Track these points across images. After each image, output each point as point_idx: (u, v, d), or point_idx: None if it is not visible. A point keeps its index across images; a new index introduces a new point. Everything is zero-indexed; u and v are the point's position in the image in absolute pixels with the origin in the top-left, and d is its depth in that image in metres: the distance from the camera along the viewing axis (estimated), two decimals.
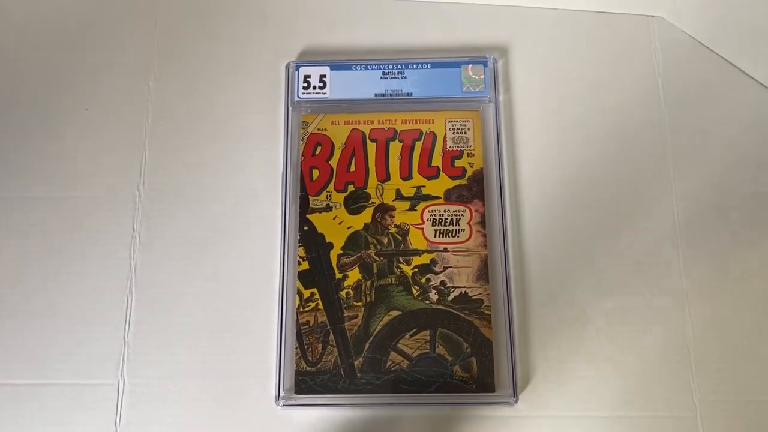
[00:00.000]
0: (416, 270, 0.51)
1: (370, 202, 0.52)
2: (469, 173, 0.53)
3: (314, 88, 0.55)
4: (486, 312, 0.49)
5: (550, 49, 0.57)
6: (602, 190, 0.53)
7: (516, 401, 0.48)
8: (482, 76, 0.55)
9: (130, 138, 0.55)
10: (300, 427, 0.48)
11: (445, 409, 0.48)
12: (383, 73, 0.55)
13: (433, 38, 0.57)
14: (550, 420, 0.48)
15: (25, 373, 0.50)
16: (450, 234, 0.51)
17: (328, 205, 0.52)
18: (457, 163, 0.53)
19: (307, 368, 0.49)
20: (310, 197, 0.52)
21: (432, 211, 0.52)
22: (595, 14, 0.57)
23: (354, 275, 0.51)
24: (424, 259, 0.51)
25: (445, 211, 0.52)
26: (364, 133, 0.54)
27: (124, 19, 0.58)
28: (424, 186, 0.53)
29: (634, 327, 0.50)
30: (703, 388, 0.48)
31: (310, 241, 0.51)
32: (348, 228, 0.52)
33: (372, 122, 0.54)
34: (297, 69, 0.55)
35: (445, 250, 0.51)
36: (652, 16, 0.57)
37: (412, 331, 0.49)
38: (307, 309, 0.50)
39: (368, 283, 0.50)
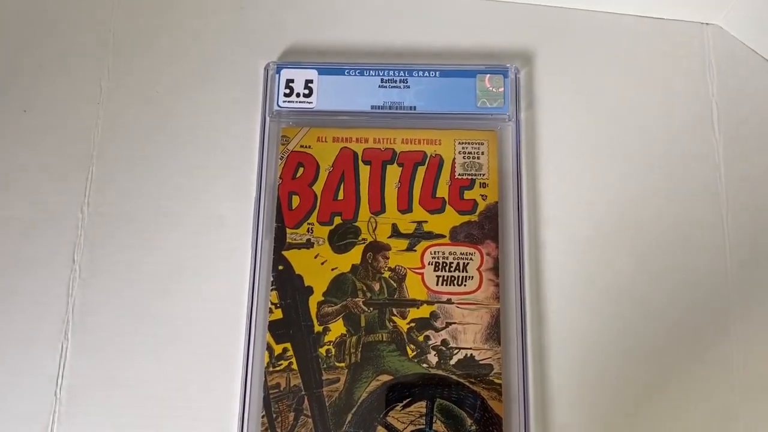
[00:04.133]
0: (413, 325, 0.42)
1: (360, 238, 0.44)
2: (480, 208, 0.44)
3: (298, 95, 0.46)
4: (496, 381, 0.41)
5: (584, 59, 0.48)
6: (641, 233, 0.44)
7: None
8: (501, 89, 0.46)
9: (75, 148, 0.46)
10: None
11: None
12: (382, 81, 0.46)
13: (443, 40, 0.48)
14: None
15: None
16: (455, 282, 0.43)
17: (309, 240, 0.44)
18: (467, 194, 0.44)
19: None
20: (287, 229, 0.44)
21: (435, 252, 0.43)
22: (639, 19, 0.48)
23: (337, 329, 0.42)
24: (423, 311, 0.42)
25: (450, 253, 0.43)
26: (356, 154, 0.45)
27: (75, 6, 0.49)
28: (426, 221, 0.44)
29: (675, 405, 0.41)
30: None
31: (286, 283, 0.43)
32: (332, 270, 0.43)
33: (366, 140, 0.46)
34: (278, 72, 0.47)
35: (449, 301, 0.43)
36: (707, 23, 0.48)
37: (404, 402, 0.41)
38: (277, 368, 0.41)
39: (354, 339, 0.42)
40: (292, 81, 0.46)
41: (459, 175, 0.45)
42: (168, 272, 0.44)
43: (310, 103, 0.46)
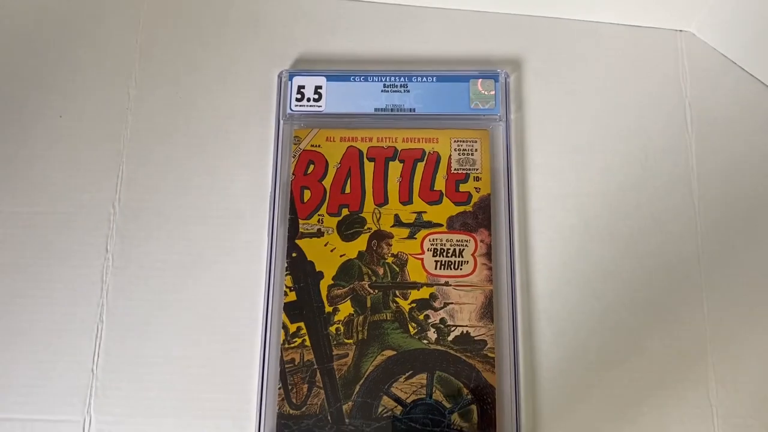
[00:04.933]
0: (414, 305, 0.46)
1: (365, 228, 0.48)
2: (474, 199, 0.48)
3: (308, 100, 0.50)
4: (489, 354, 0.45)
5: (568, 64, 0.52)
6: (621, 222, 0.48)
7: None
8: (492, 92, 0.50)
9: (106, 149, 0.50)
10: None
11: None
12: (384, 86, 0.50)
13: (439, 48, 0.53)
14: None
15: None
16: (452, 266, 0.47)
17: (319, 229, 0.48)
18: (462, 187, 0.48)
19: (291, 411, 0.44)
20: (300, 221, 0.48)
21: (433, 240, 0.47)
22: (618, 27, 0.53)
23: (345, 309, 0.46)
24: (423, 293, 0.46)
25: (447, 240, 0.47)
26: (361, 152, 0.49)
27: (105, 19, 0.54)
28: (425, 212, 0.48)
29: (653, 374, 0.45)
30: None
31: (299, 269, 0.47)
32: (341, 256, 0.47)
33: (370, 139, 0.50)
34: (290, 79, 0.51)
35: (447, 284, 0.46)
36: (681, 30, 0.52)
37: (407, 374, 0.45)
38: (292, 345, 0.45)
39: (361, 318, 0.46)
40: (303, 87, 0.51)
41: (455, 170, 0.49)
42: (192, 261, 0.48)
43: (319, 106, 0.50)
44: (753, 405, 0.45)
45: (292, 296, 0.46)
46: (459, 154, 0.49)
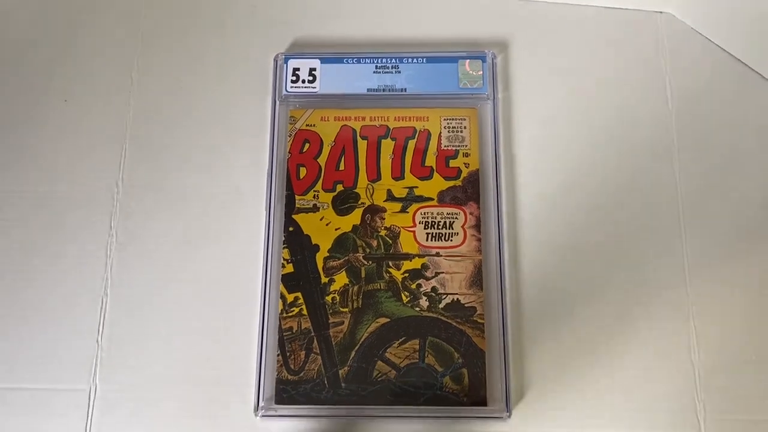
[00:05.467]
0: (406, 275, 0.48)
1: (359, 202, 0.50)
2: (464, 174, 0.50)
3: (303, 81, 0.52)
4: (479, 321, 0.47)
5: (553, 44, 0.54)
6: (605, 194, 0.50)
7: (509, 416, 0.45)
8: (480, 72, 0.52)
9: (110, 132, 0.53)
10: None
11: (433, 422, 0.45)
12: (376, 68, 0.53)
13: (429, 31, 0.55)
14: None
15: None
16: (443, 238, 0.49)
17: (315, 205, 0.50)
18: (452, 163, 0.50)
19: (289, 377, 0.46)
20: (296, 197, 0.50)
21: (425, 213, 0.49)
22: (601, 9, 0.55)
23: (341, 279, 0.48)
24: (415, 263, 0.48)
25: (438, 213, 0.49)
26: (354, 130, 0.51)
27: (108, 8, 0.56)
28: (416, 187, 0.50)
29: (636, 341, 0.47)
30: (707, 407, 0.45)
31: (296, 242, 0.49)
32: (336, 230, 0.49)
33: (363, 119, 0.52)
34: (286, 62, 0.53)
35: (438, 254, 0.48)
36: (661, 12, 0.55)
37: (400, 340, 0.47)
38: (290, 314, 0.47)
39: (355, 288, 0.48)
40: (298, 69, 0.53)
41: (445, 146, 0.51)
42: (193, 236, 0.50)
43: (314, 88, 0.52)
44: (734, 366, 0.46)
45: (290, 268, 0.48)
46: (448, 131, 0.51)
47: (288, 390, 0.46)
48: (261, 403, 0.46)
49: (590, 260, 0.49)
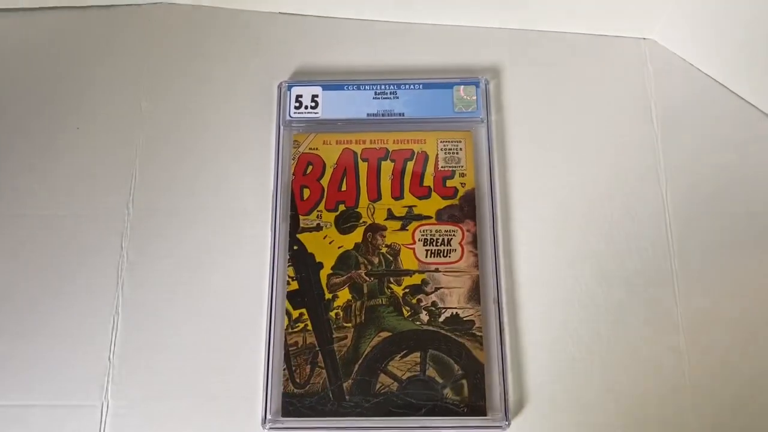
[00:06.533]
0: (407, 290, 0.50)
1: (361, 221, 0.52)
2: (461, 193, 0.52)
3: (306, 107, 0.55)
4: (478, 333, 0.49)
5: (543, 70, 0.57)
6: (594, 211, 0.52)
7: (508, 425, 0.47)
8: (474, 97, 0.55)
9: (121, 156, 0.55)
10: None
11: None
12: (375, 93, 0.55)
13: (425, 60, 0.57)
14: None
15: (9, 394, 0.49)
16: (441, 254, 0.51)
17: (318, 224, 0.52)
18: (449, 183, 0.53)
19: (295, 390, 0.48)
20: (300, 216, 0.52)
21: (423, 231, 0.51)
22: (588, 37, 0.58)
23: (344, 296, 0.50)
24: (416, 279, 0.50)
25: (436, 231, 0.51)
26: (355, 153, 0.54)
27: (118, 40, 0.59)
28: (415, 206, 0.52)
29: (629, 349, 0.49)
30: (701, 418, 0.47)
31: (300, 260, 0.51)
32: (338, 248, 0.51)
33: (364, 142, 0.54)
34: (289, 89, 0.55)
35: (437, 270, 0.50)
36: (645, 38, 0.58)
37: (402, 353, 0.49)
38: (295, 330, 0.49)
39: (358, 303, 0.50)
40: (301, 96, 0.55)
41: (442, 167, 0.53)
42: (201, 255, 0.52)
43: (316, 113, 0.55)
44: (723, 374, 0.48)
45: (295, 285, 0.50)
46: (445, 153, 0.54)
47: (294, 403, 0.47)
48: (268, 416, 0.47)
49: (584, 273, 0.51)
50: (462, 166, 0.53)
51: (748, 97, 0.55)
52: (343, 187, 0.53)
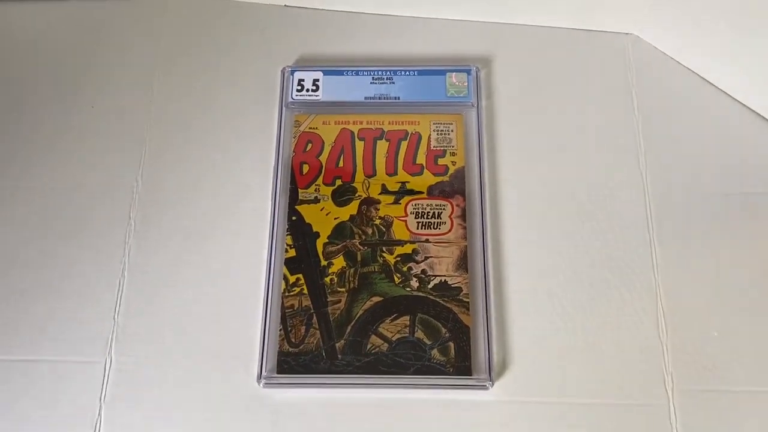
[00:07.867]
0: (398, 259, 0.53)
1: (356, 195, 0.55)
2: (451, 171, 0.55)
3: (307, 90, 0.58)
4: (464, 299, 0.51)
5: (530, 61, 0.60)
6: (577, 189, 0.55)
7: (491, 385, 0.49)
8: (465, 84, 0.58)
9: (132, 133, 0.58)
10: (281, 406, 0.49)
11: (422, 390, 0.49)
12: (373, 79, 0.59)
13: (420, 51, 0.61)
14: (525, 405, 0.49)
15: (18, 349, 0.51)
16: (432, 226, 0.54)
17: (316, 197, 0.55)
18: (441, 161, 0.56)
19: (290, 349, 0.50)
20: (299, 190, 0.55)
21: (415, 204, 0.54)
22: (573, 31, 0.61)
23: (339, 263, 0.53)
24: (407, 249, 0.53)
25: (427, 204, 0.54)
26: (352, 132, 0.57)
27: (131, 27, 0.63)
28: (408, 182, 0.55)
29: (608, 317, 0.51)
30: (675, 378, 0.49)
31: (298, 230, 0.54)
32: (335, 219, 0.54)
33: (361, 122, 0.57)
34: (292, 73, 0.59)
35: (427, 240, 0.53)
36: (627, 33, 0.61)
37: (392, 316, 0.51)
38: (292, 293, 0.52)
39: (352, 270, 0.52)
40: (303, 80, 0.59)
41: (434, 147, 0.56)
42: (205, 225, 0.55)
43: (317, 96, 0.58)
44: (698, 342, 0.51)
45: (292, 252, 0.53)
46: (437, 134, 0.57)
47: (289, 361, 0.50)
48: (264, 373, 0.49)
49: (564, 245, 0.53)
50: (453, 146, 0.56)
51: (725, 88, 0.58)
52: (341, 164, 0.56)
